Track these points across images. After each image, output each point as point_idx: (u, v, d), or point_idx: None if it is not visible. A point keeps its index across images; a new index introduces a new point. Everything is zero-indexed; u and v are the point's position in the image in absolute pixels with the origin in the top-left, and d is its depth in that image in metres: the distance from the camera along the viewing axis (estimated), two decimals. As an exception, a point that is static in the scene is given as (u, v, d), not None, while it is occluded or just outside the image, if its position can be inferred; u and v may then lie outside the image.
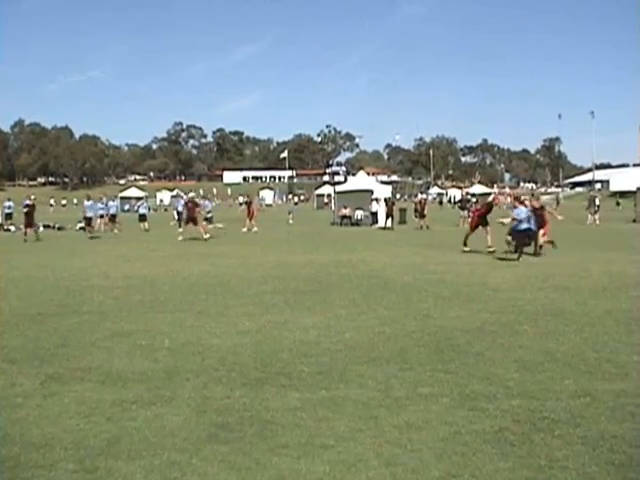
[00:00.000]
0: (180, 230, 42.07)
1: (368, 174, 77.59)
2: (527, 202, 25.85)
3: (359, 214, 51.25)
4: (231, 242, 33.99)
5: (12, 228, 47.67)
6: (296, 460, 6.10)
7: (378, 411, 7.39)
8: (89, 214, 41.23)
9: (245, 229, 42.89)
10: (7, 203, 48.99)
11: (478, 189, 75.98)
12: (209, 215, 44.50)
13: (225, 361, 9.58)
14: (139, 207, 51.63)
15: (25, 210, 37.94)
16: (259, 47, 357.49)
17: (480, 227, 26.52)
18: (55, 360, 9.84)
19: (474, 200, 53.09)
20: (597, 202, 51.71)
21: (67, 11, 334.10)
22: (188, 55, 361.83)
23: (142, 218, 47.56)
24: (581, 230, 41.70)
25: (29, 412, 7.52)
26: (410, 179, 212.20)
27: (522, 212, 23.61)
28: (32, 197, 40.01)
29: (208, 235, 36.32)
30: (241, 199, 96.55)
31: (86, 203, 42.03)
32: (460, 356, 9.81)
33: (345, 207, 51.91)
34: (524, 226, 23.34)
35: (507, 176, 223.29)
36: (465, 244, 26.62)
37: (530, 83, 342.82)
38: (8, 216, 52.55)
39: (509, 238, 23.72)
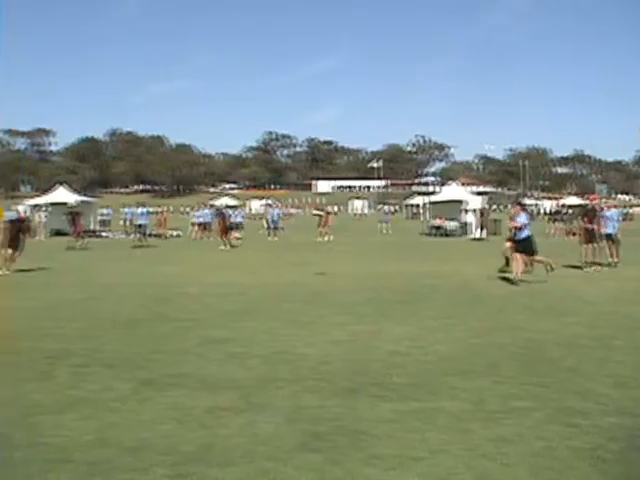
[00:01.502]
0: (269, 239, 42.61)
1: (461, 184, 77.01)
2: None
3: (451, 225, 50.84)
4: (324, 251, 34.09)
5: (110, 234, 48.71)
6: (388, 471, 6.08)
7: (470, 424, 7.33)
8: (141, 221, 40.75)
9: (320, 238, 42.99)
10: (104, 210, 49.97)
11: (573, 200, 74.91)
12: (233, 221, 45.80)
13: (317, 370, 9.63)
14: (235, 215, 52.21)
15: (70, 217, 38.73)
16: (348, 56, 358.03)
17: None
18: (149, 366, 10.01)
19: (570, 212, 52.31)
20: None
21: (156, 20, 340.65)
22: (276, 63, 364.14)
23: (237, 226, 48.02)
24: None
25: (124, 416, 7.66)
26: (501, 190, 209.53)
27: (523, 218, 20.97)
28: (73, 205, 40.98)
29: (227, 246, 37.54)
30: (333, 209, 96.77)
31: (138, 210, 41.80)
32: (553, 370, 9.67)
33: (437, 217, 51.60)
34: (525, 233, 20.63)
35: (601, 187, 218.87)
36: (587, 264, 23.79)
37: (624, 92, 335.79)
38: (103, 223, 53.56)
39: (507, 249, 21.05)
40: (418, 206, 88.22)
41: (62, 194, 56.89)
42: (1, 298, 17.35)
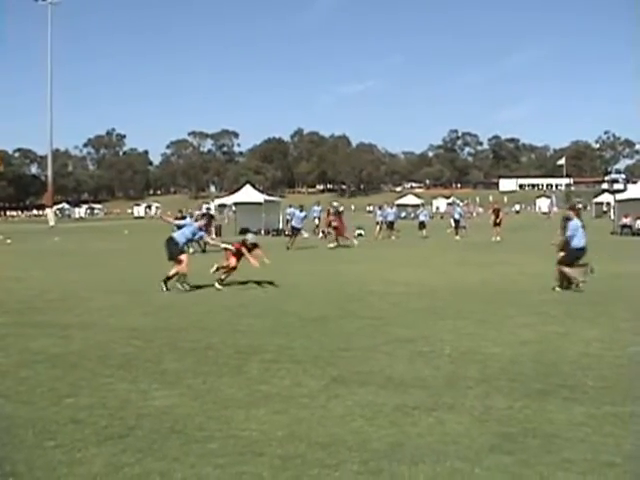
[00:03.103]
0: (457, 238, 42.37)
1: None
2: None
3: (639, 223, 49.18)
4: (507, 251, 33.62)
5: (305, 234, 49.50)
6: (581, 476, 5.93)
7: (668, 431, 7.06)
8: (295, 224, 39.28)
9: (494, 238, 42.18)
10: (290, 210, 50.87)
11: None
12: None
13: (506, 371, 9.49)
14: (419, 214, 52.31)
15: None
16: (534, 54, 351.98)
17: None
18: (338, 362, 10.11)
19: None
20: None
21: (343, 23, 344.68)
22: (462, 63, 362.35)
23: (421, 225, 48.09)
24: None
25: (314, 412, 7.76)
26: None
27: (574, 226, 18.46)
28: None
29: (355, 242, 39.03)
30: (517, 207, 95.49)
31: (298, 213, 40.04)
32: None
33: (626, 216, 50.03)
34: (577, 243, 18.36)
35: None
36: None
37: None
38: (289, 222, 54.43)
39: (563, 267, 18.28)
40: (608, 204, 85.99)
41: (248, 193, 58.36)
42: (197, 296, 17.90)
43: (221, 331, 12.62)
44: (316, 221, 52.94)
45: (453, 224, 48.57)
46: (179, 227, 20.16)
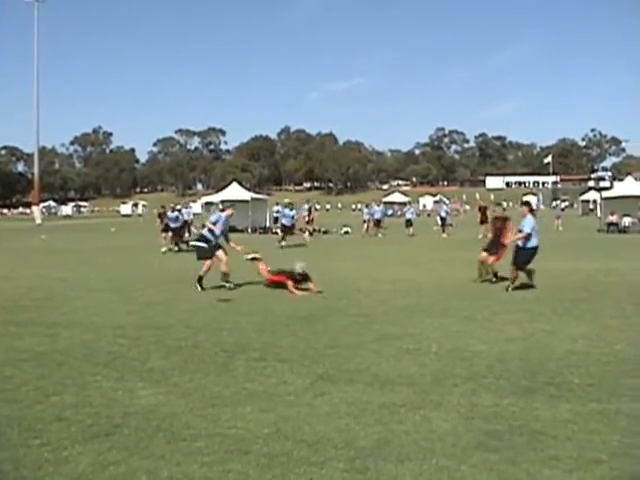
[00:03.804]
0: (443, 235, 42.44)
1: (636, 179, 74.51)
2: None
3: (627, 221, 49.40)
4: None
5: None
6: (568, 473, 5.94)
7: (654, 427, 7.08)
8: (284, 221, 38.66)
9: (480, 236, 42.10)
10: (277, 207, 50.70)
11: None
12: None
13: (493, 368, 9.50)
14: (406, 212, 52.33)
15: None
16: (521, 51, 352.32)
17: None
18: (324, 360, 10.10)
19: None
20: None
21: (329, 21, 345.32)
22: (449, 61, 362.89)
23: (408, 223, 48.11)
24: None
25: (300, 410, 7.76)
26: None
27: (531, 223, 18.08)
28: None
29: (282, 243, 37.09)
30: (504, 205, 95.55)
31: (287, 212, 39.06)
32: None
33: (612, 213, 50.21)
34: (534, 242, 18.11)
35: None
36: None
37: None
38: (276, 220, 54.43)
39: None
40: (595, 202, 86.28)
41: (235, 191, 58.29)
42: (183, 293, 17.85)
43: (207, 329, 12.60)
44: (306, 219, 52.81)
45: (440, 222, 48.68)
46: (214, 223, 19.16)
